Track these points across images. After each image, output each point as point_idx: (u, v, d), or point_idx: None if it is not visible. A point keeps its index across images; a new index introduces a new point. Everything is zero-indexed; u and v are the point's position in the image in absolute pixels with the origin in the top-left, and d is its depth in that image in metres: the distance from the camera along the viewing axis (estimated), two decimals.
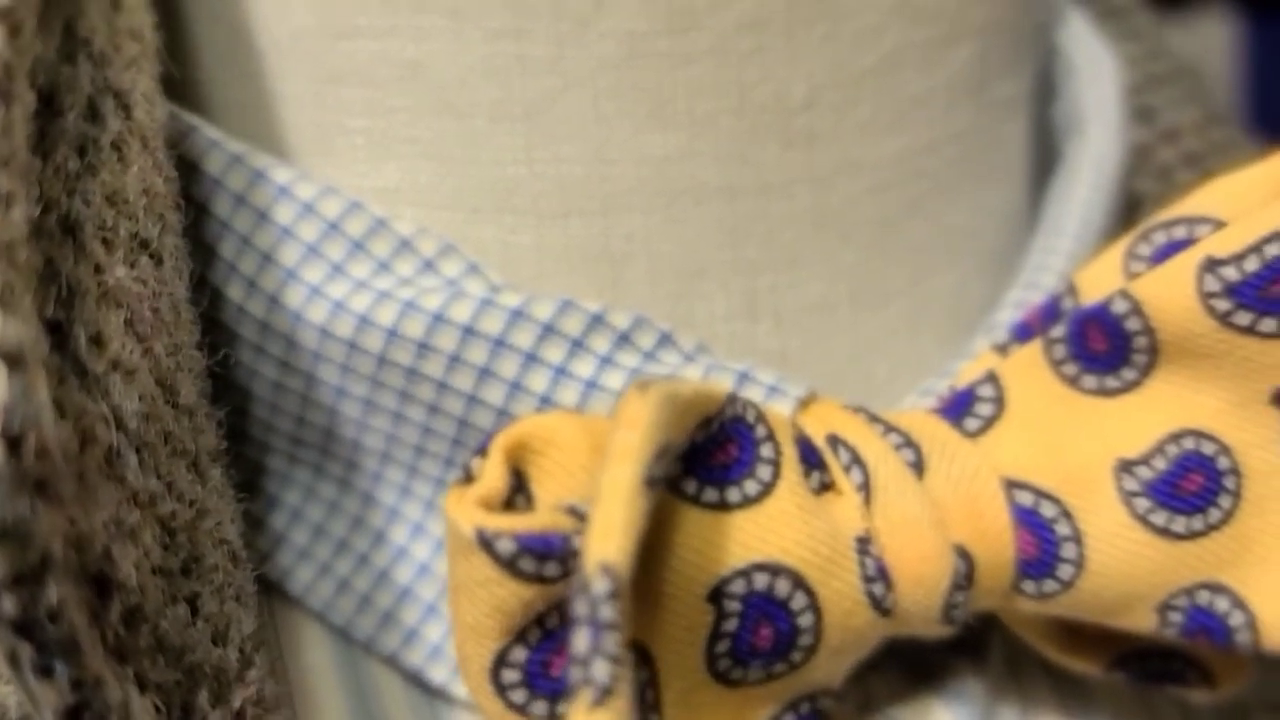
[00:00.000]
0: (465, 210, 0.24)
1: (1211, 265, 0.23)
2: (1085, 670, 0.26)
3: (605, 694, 0.17)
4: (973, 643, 0.26)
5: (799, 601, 0.21)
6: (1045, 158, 0.31)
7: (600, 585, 0.17)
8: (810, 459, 0.22)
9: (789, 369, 0.26)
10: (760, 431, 0.22)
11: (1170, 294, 0.23)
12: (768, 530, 0.21)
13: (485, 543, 0.19)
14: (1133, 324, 0.24)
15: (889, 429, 0.23)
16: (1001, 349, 0.25)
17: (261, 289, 0.24)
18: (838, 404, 0.24)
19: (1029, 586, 0.23)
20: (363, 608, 0.25)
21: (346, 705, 0.25)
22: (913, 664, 0.26)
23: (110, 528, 0.18)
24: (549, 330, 0.23)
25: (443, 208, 0.24)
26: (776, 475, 0.21)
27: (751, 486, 0.21)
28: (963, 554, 0.23)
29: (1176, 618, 0.24)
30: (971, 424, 0.24)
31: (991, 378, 0.24)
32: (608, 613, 0.17)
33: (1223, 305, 0.23)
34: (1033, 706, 0.27)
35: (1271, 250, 0.23)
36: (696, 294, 0.25)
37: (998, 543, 0.23)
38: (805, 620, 0.21)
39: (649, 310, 0.24)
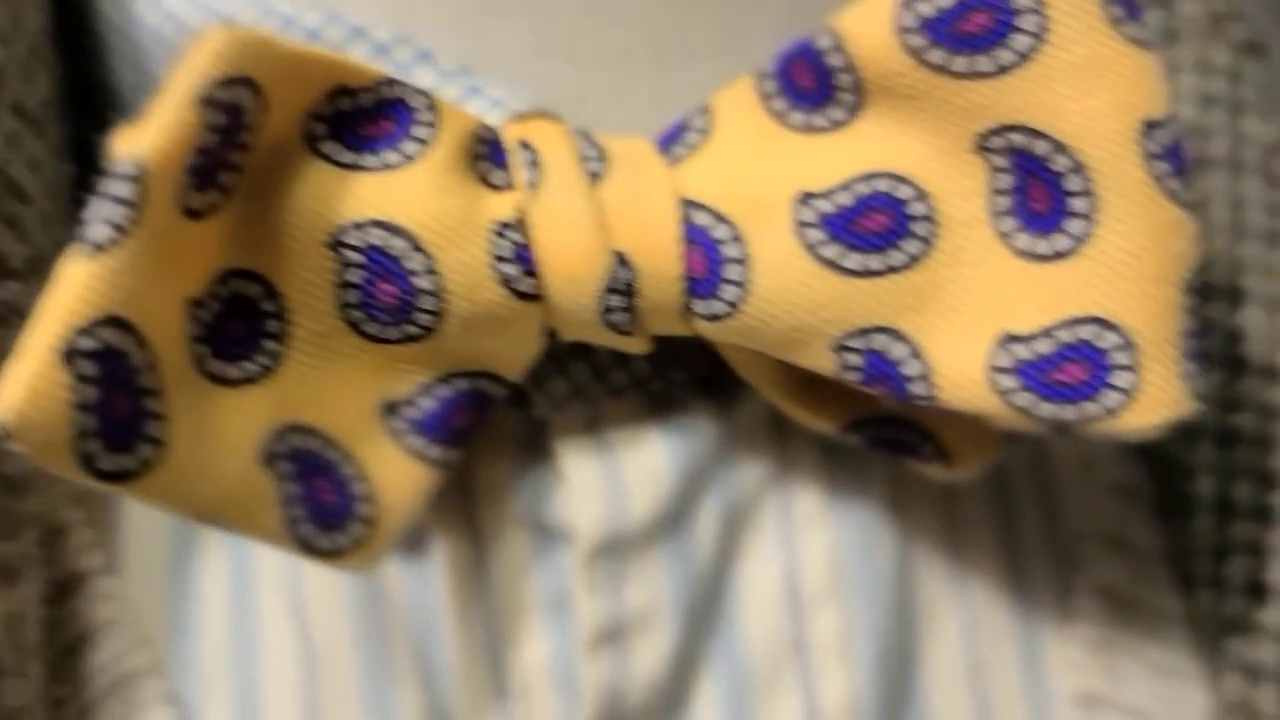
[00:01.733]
0: None
1: (909, 0, 0.23)
2: (818, 428, 0.26)
3: (97, 249, 0.20)
4: (726, 397, 0.27)
5: (416, 263, 0.23)
6: None
7: (123, 168, 0.20)
8: (497, 160, 0.24)
9: (587, 114, 0.27)
10: (423, 117, 0.23)
11: (869, 29, 0.23)
12: (391, 193, 0.23)
13: None
14: (835, 60, 0.24)
15: (589, 144, 0.24)
16: None
17: (121, 1, 0.28)
18: (561, 126, 0.25)
19: (699, 306, 0.24)
20: None
21: None
22: (655, 400, 0.27)
23: None
24: (313, 36, 0.26)
25: None
26: (422, 155, 0.23)
27: (392, 157, 0.23)
28: (624, 261, 0.24)
29: (854, 360, 0.24)
30: (678, 151, 0.25)
31: (705, 110, 0.25)
32: (121, 190, 0.20)
33: (916, 41, 0.23)
34: (791, 475, 0.27)
35: None
36: (490, 30, 0.27)
37: (664, 256, 0.24)
38: (424, 283, 0.23)
39: (443, 44, 0.27)
